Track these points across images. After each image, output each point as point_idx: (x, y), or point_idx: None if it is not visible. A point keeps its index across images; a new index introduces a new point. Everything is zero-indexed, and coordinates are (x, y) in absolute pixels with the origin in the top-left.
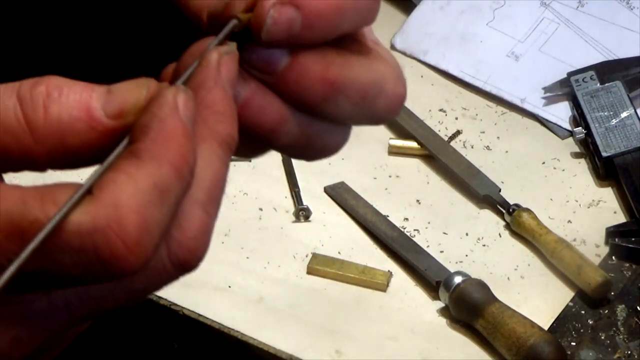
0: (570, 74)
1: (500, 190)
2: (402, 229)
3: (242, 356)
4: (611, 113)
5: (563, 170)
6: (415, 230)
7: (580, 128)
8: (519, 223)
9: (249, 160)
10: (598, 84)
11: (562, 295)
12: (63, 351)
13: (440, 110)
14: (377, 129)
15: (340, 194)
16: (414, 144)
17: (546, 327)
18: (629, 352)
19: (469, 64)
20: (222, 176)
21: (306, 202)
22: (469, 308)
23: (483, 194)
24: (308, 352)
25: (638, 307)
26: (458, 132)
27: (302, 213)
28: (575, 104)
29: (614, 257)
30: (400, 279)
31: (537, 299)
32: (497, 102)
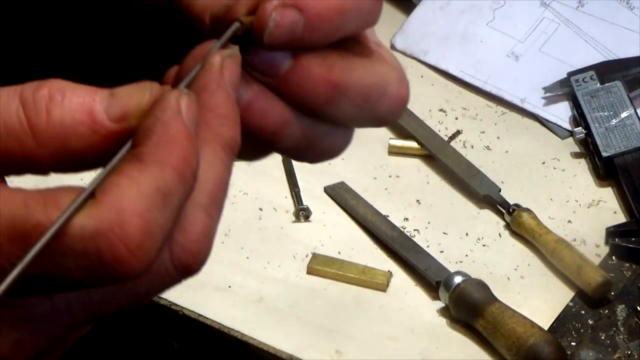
0: (570, 74)
1: (500, 190)
2: (402, 229)
3: (242, 356)
4: (611, 113)
5: (563, 170)
6: (415, 230)
7: (580, 128)
8: (519, 223)
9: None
10: (598, 84)
11: (562, 295)
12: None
13: (440, 110)
14: (377, 129)
15: (340, 194)
16: (414, 144)
17: (546, 327)
18: (629, 352)
19: (469, 64)
20: (225, 179)
21: (306, 202)
22: (469, 308)
23: (483, 194)
24: (308, 352)
25: (638, 307)
26: (458, 132)
27: (302, 213)
28: (575, 104)
29: (614, 257)
30: (400, 279)
31: (537, 299)
32: (497, 102)
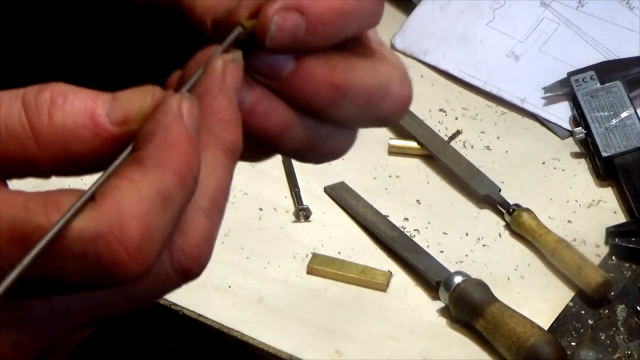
0: (570, 74)
1: (500, 190)
2: (402, 229)
3: (242, 356)
4: (611, 113)
5: (563, 170)
6: (415, 230)
7: (580, 128)
8: (519, 223)
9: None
10: (598, 84)
11: (562, 295)
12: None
13: (440, 110)
14: (378, 129)
15: (340, 194)
16: (414, 144)
17: (546, 327)
18: (629, 352)
19: (469, 64)
20: (226, 183)
21: (306, 202)
22: (469, 308)
23: (483, 194)
24: (308, 352)
25: (638, 307)
26: (458, 132)
27: (302, 213)
28: (575, 104)
29: (614, 257)
30: (400, 279)
31: (537, 299)
32: (497, 102)
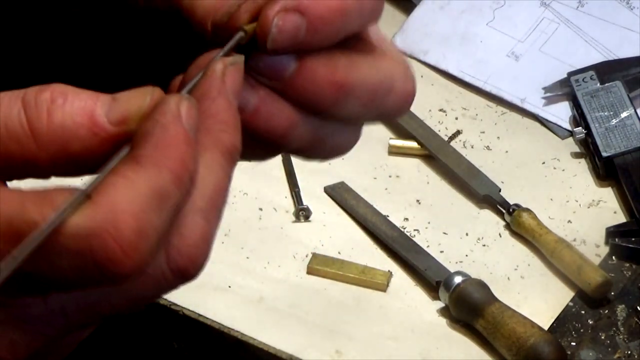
0: (570, 74)
1: (500, 190)
2: (402, 229)
3: (242, 356)
4: (611, 113)
5: (563, 170)
6: (415, 230)
7: (580, 128)
8: (519, 223)
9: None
10: (598, 84)
11: (562, 295)
12: None
13: (440, 110)
14: (377, 129)
15: (340, 194)
16: (414, 144)
17: (546, 327)
18: (629, 352)
19: (469, 64)
20: (224, 185)
21: (306, 202)
22: (469, 308)
23: (483, 194)
24: (308, 352)
25: (638, 307)
26: (458, 132)
27: (302, 213)
28: (575, 104)
29: (614, 257)
30: (400, 279)
31: (537, 299)
32: (497, 102)
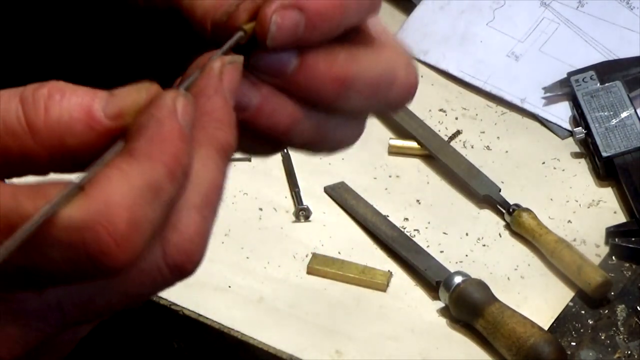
0: (570, 74)
1: (500, 190)
2: (402, 229)
3: (242, 356)
4: (611, 113)
5: (563, 170)
6: (415, 230)
7: (580, 128)
8: (519, 223)
9: (249, 160)
10: (598, 84)
11: (562, 295)
12: None
13: (440, 110)
14: (377, 129)
15: (340, 194)
16: (414, 144)
17: (546, 327)
18: (629, 352)
19: (469, 64)
20: (219, 181)
21: (306, 202)
22: (469, 308)
23: (483, 194)
24: (308, 352)
25: (638, 307)
26: (458, 132)
27: (302, 213)
28: (575, 104)
29: (614, 257)
30: (400, 279)
31: (537, 299)
32: (497, 102)
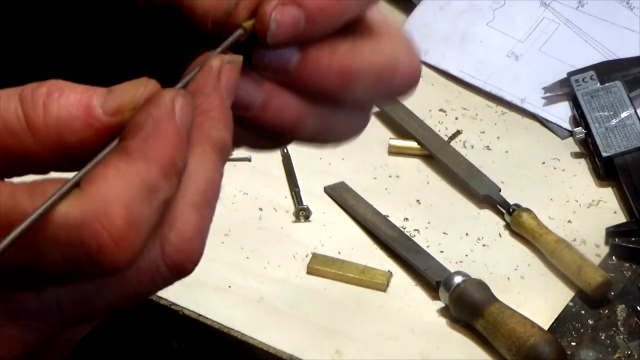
0: (570, 74)
1: (500, 190)
2: (402, 229)
3: (242, 356)
4: (611, 113)
5: (563, 170)
6: (415, 230)
7: (580, 128)
8: (519, 223)
9: (249, 160)
10: (598, 84)
11: (562, 295)
12: None
13: (440, 110)
14: (377, 129)
15: (340, 194)
16: (414, 144)
17: (546, 327)
18: (629, 352)
19: (469, 64)
20: (216, 180)
21: (306, 202)
22: (469, 308)
23: (483, 194)
24: (308, 352)
25: (638, 307)
26: (458, 132)
27: (302, 213)
28: (575, 104)
29: (614, 257)
30: (400, 279)
31: (537, 299)
32: (497, 102)
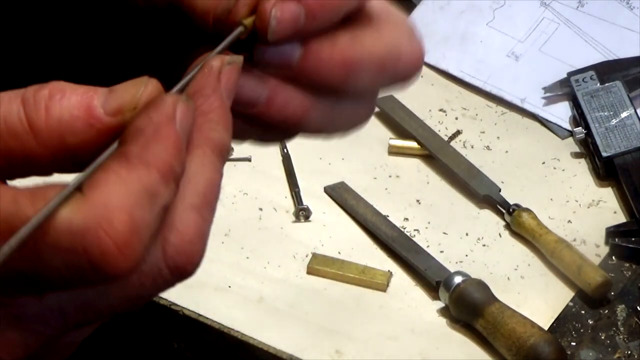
0: (570, 74)
1: (500, 190)
2: (402, 229)
3: (242, 356)
4: (611, 113)
5: (563, 170)
6: (415, 230)
7: (580, 128)
8: (519, 223)
9: (249, 160)
10: (598, 84)
11: (562, 295)
12: None
13: (440, 110)
14: (377, 129)
15: (340, 194)
16: (414, 144)
17: (546, 327)
18: (629, 352)
19: (469, 64)
20: (215, 182)
21: (306, 202)
22: (469, 308)
23: (483, 194)
24: (308, 352)
25: (638, 307)
26: (458, 132)
27: (302, 213)
28: (575, 104)
29: (614, 257)
30: (400, 279)
31: (537, 299)
32: (497, 102)
